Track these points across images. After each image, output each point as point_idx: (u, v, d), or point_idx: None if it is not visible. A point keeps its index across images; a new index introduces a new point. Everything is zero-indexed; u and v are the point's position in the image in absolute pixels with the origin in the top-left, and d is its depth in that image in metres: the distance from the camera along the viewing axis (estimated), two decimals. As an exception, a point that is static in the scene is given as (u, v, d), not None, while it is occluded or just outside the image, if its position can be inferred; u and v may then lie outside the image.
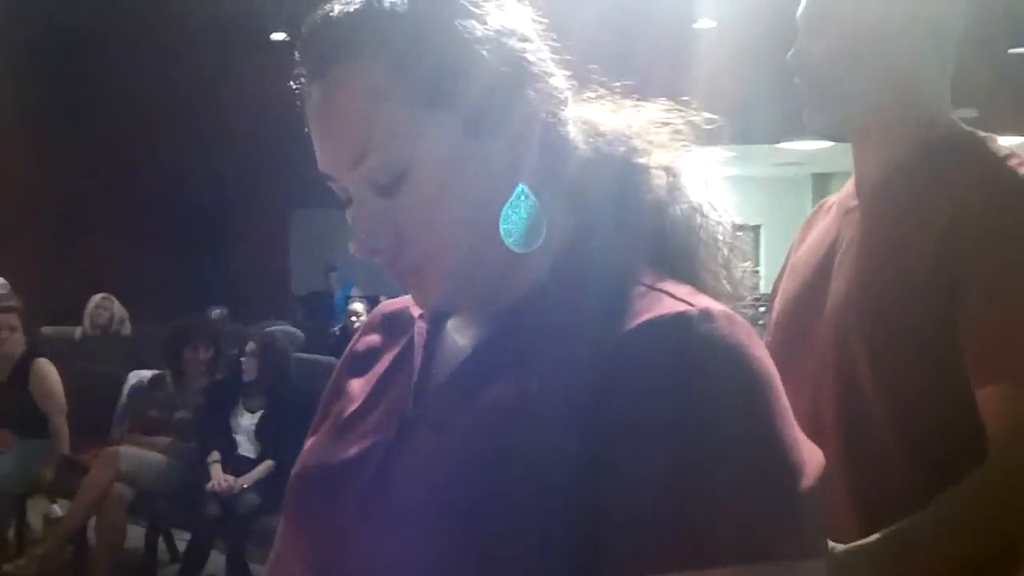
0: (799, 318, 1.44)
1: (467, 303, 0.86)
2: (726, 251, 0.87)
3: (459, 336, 0.88)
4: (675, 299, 0.75)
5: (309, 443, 0.94)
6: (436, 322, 0.92)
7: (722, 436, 0.68)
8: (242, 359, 4.73)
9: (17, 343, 5.18)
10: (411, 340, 0.93)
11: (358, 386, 0.94)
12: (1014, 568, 1.27)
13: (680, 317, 0.72)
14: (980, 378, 1.18)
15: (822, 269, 1.41)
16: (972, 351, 1.19)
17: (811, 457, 0.70)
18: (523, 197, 0.80)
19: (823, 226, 1.48)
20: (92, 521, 4.65)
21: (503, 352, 0.81)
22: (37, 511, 5.29)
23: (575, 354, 0.75)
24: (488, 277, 0.83)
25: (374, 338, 1.00)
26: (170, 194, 9.59)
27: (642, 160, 0.87)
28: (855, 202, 1.41)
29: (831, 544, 1.19)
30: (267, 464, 4.39)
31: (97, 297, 7.14)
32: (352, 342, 1.03)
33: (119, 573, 4.50)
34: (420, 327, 0.92)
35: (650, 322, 0.72)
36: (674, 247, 0.85)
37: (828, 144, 8.26)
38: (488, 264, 0.82)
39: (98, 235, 9.36)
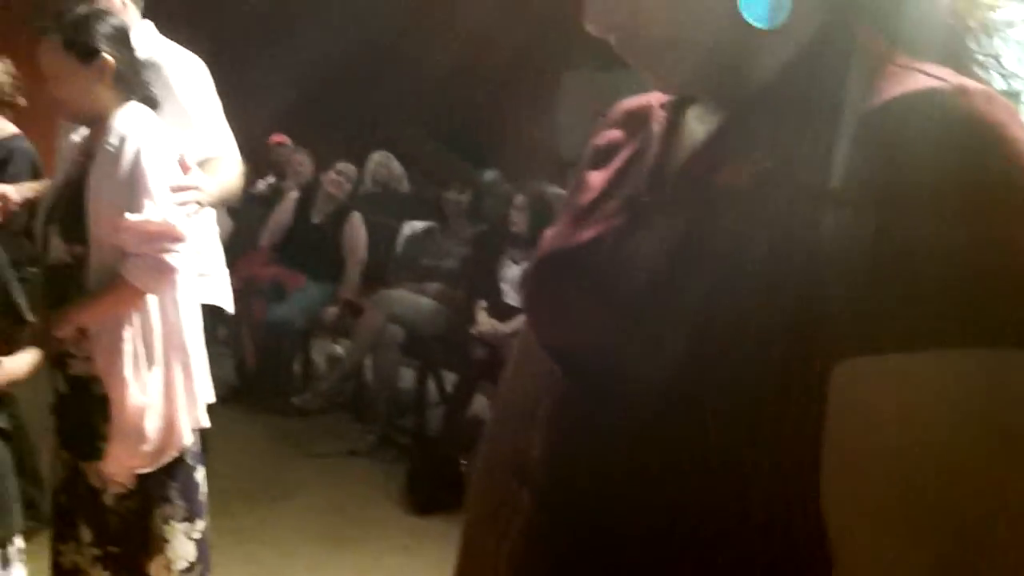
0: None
1: (709, 87, 0.82)
2: (998, 41, 0.79)
3: (699, 124, 0.85)
4: (929, 76, 0.68)
5: (548, 233, 0.95)
6: (676, 111, 0.89)
7: (970, 216, 0.61)
8: (511, 212, 4.82)
9: (346, 192, 5.55)
10: (650, 131, 0.90)
11: (597, 178, 0.94)
12: None
13: (932, 92, 0.65)
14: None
15: None
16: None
17: None
18: None
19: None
20: (368, 362, 4.94)
21: (740, 135, 0.78)
22: (320, 351, 5.68)
23: (815, 134, 0.70)
24: (730, 58, 0.78)
25: (614, 133, 0.99)
26: (443, 62, 9.78)
27: None
28: None
29: None
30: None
31: (376, 155, 7.43)
32: (592, 138, 1.01)
33: (393, 409, 4.78)
34: (659, 115, 0.90)
35: (898, 98, 0.66)
36: (937, 32, 0.78)
37: None
38: (730, 44, 0.77)
39: (378, 102, 9.70)
